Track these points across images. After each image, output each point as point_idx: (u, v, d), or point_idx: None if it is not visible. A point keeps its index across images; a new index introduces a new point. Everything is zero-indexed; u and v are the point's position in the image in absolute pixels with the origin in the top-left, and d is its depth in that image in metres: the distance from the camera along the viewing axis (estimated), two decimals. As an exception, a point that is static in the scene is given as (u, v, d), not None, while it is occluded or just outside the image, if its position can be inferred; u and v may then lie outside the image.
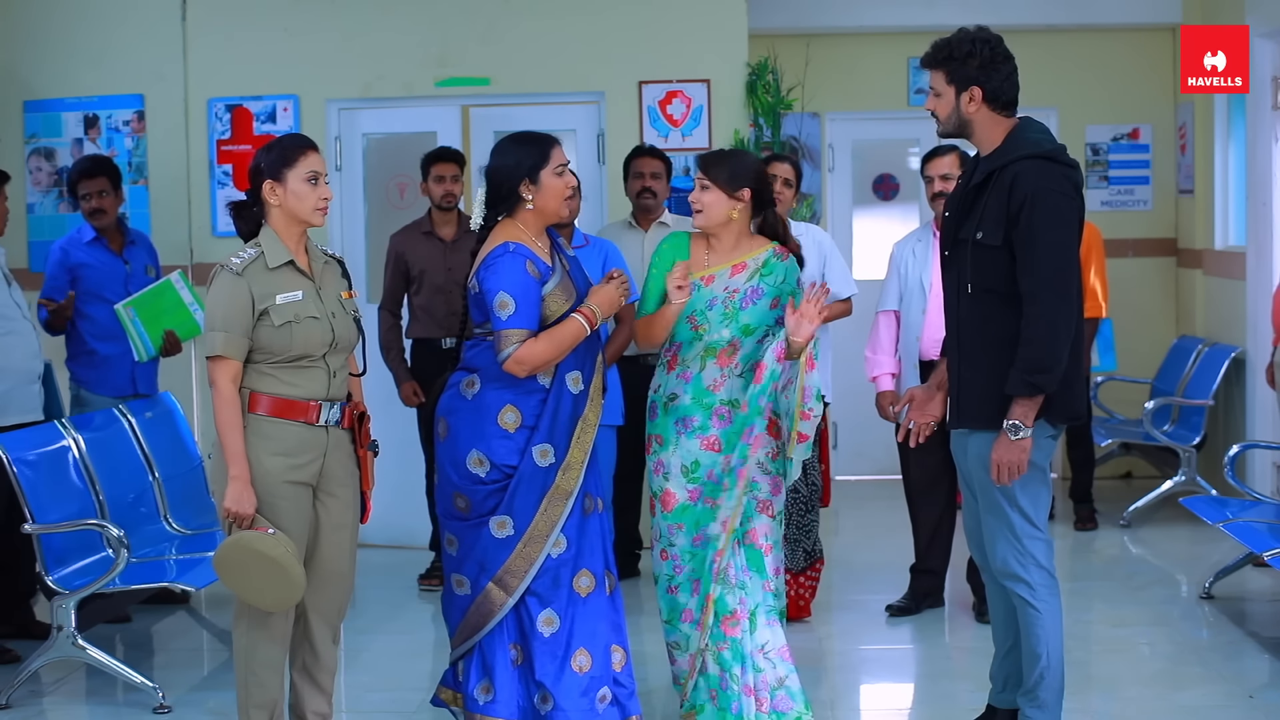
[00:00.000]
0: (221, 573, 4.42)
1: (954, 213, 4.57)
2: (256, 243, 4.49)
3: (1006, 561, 4.50)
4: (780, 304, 4.86)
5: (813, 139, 9.26)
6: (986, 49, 4.49)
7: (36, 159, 7.86)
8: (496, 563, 4.59)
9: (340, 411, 4.58)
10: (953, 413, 4.59)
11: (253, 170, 4.52)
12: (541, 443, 4.58)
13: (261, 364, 4.45)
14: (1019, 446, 4.33)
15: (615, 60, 7.69)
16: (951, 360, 4.60)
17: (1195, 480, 7.97)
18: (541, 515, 4.58)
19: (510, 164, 4.63)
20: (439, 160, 6.98)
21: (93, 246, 6.67)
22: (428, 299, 6.95)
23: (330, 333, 4.52)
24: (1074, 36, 9.26)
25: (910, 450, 6.37)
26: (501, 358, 4.49)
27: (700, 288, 4.85)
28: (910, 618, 6.42)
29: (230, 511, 4.37)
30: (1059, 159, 4.39)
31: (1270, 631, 6.23)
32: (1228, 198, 8.59)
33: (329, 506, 4.60)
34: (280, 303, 4.42)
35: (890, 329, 6.40)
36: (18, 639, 6.10)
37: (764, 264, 4.89)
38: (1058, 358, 4.29)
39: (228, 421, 4.39)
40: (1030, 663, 4.55)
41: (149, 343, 6.59)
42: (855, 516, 8.52)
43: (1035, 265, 4.29)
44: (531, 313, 4.52)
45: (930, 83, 4.55)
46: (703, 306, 4.84)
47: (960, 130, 4.50)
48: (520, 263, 4.54)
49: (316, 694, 4.74)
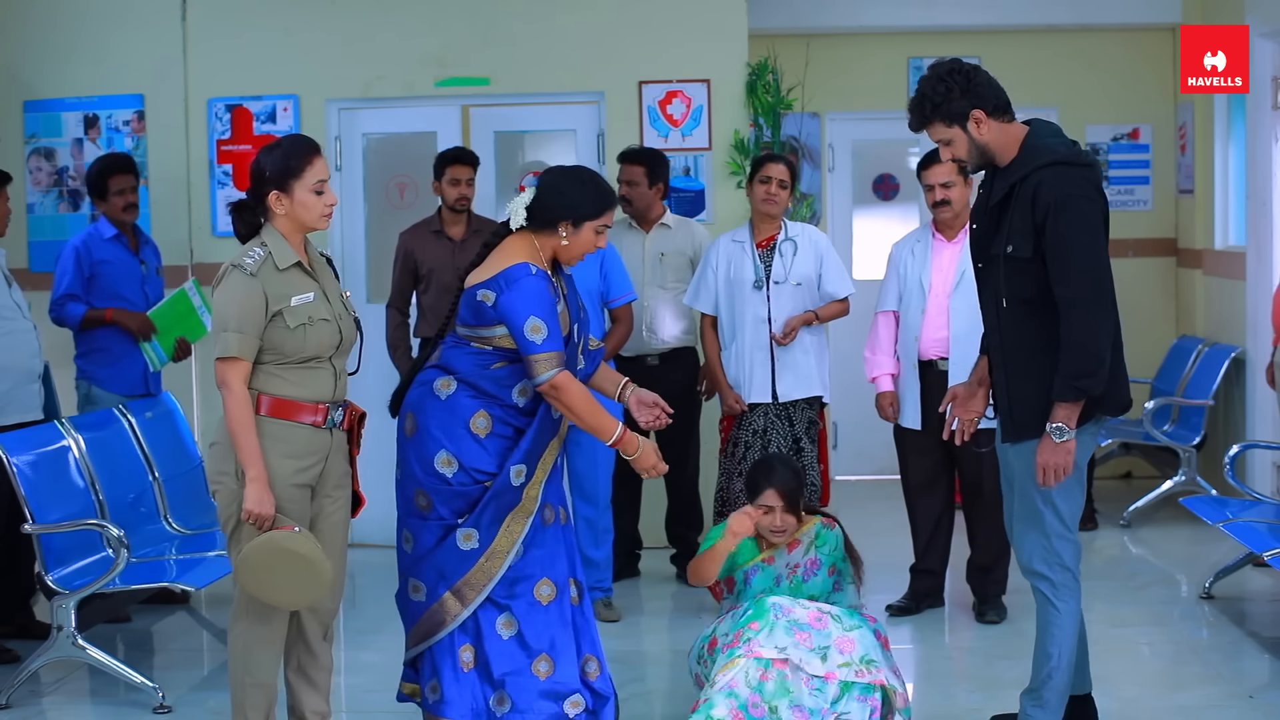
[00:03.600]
0: (244, 573, 4.36)
1: (981, 227, 4.60)
2: (262, 243, 4.45)
3: (1032, 558, 4.57)
4: (836, 572, 5.14)
5: (813, 139, 9.26)
6: (955, 77, 4.48)
7: (36, 159, 7.86)
8: (457, 574, 4.59)
9: (342, 413, 4.58)
10: (1006, 428, 4.59)
11: (255, 174, 4.47)
12: (519, 463, 4.57)
13: (270, 365, 4.43)
14: (1064, 449, 4.37)
15: (615, 60, 7.68)
16: (998, 375, 4.61)
17: (1195, 480, 7.97)
18: (504, 532, 4.58)
19: (570, 203, 4.61)
20: (455, 162, 6.97)
21: (113, 244, 6.68)
22: (435, 298, 6.95)
23: (338, 334, 4.52)
24: (1074, 36, 9.26)
25: (908, 450, 6.42)
26: (539, 380, 4.48)
27: (763, 568, 5.08)
28: (910, 617, 6.42)
29: (252, 513, 4.33)
30: (1076, 162, 4.42)
31: (1270, 631, 6.23)
32: (1228, 198, 8.59)
33: (325, 507, 4.60)
34: (295, 304, 4.41)
35: (889, 329, 6.40)
36: (18, 639, 6.10)
37: (816, 535, 5.14)
38: (1100, 360, 4.34)
39: (242, 422, 4.35)
40: (1040, 661, 4.60)
41: (163, 353, 6.64)
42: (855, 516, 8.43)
43: (1068, 272, 4.34)
44: (559, 334, 4.52)
45: (933, 138, 4.58)
46: (770, 585, 5.05)
47: (984, 158, 4.52)
48: (544, 286, 4.54)
49: (314, 693, 4.74)
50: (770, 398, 6.36)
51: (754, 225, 6.49)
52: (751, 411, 6.38)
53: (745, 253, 6.42)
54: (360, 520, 7.74)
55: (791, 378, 6.37)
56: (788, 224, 6.49)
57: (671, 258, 6.86)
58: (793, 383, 6.37)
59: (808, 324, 6.37)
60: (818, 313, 6.41)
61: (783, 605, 4.75)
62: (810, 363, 6.40)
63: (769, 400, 6.36)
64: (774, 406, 6.36)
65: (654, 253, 6.85)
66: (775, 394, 6.36)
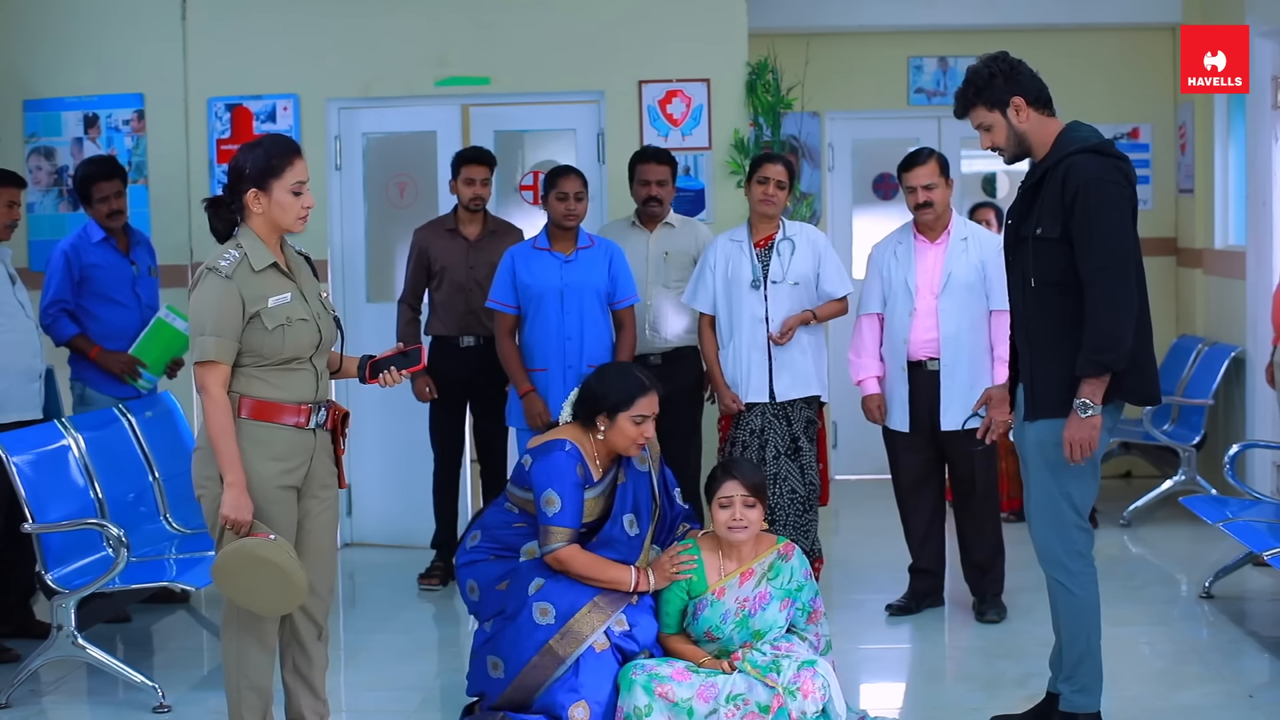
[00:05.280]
0: (221, 580, 4.34)
1: (1013, 213, 4.71)
2: (238, 244, 4.41)
3: (1050, 548, 4.69)
4: (791, 605, 4.98)
5: (813, 138, 9.26)
6: (1001, 64, 4.63)
7: (36, 158, 7.85)
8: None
9: (325, 413, 4.56)
10: (1028, 405, 4.69)
11: (235, 171, 4.44)
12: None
13: (249, 367, 4.40)
14: (1090, 424, 4.48)
15: (615, 59, 7.68)
16: (1023, 355, 4.72)
17: (1195, 480, 7.97)
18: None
19: (601, 394, 4.99)
20: (470, 162, 6.99)
21: (102, 247, 6.66)
22: (447, 296, 6.98)
23: (318, 333, 4.50)
24: (1074, 36, 9.25)
25: (898, 451, 6.45)
26: (544, 551, 4.92)
27: (713, 602, 4.93)
28: (910, 617, 6.42)
29: (229, 519, 4.31)
30: (1108, 151, 4.54)
31: (1270, 631, 6.23)
32: (1227, 197, 8.59)
33: (311, 508, 4.58)
34: (272, 306, 4.38)
35: (874, 332, 6.42)
36: (18, 638, 6.10)
37: (770, 567, 4.97)
38: (1121, 335, 4.43)
39: (221, 427, 4.32)
40: (1070, 647, 4.74)
41: (153, 378, 6.66)
42: (854, 516, 8.52)
43: (1092, 249, 4.45)
44: (576, 512, 4.92)
45: (974, 123, 4.70)
46: (717, 621, 4.92)
47: (1021, 147, 4.65)
48: (572, 465, 4.93)
49: (310, 694, 4.72)
50: (768, 397, 6.36)
51: (752, 225, 6.49)
52: (749, 411, 6.37)
53: (743, 252, 6.42)
54: (360, 520, 7.83)
55: (789, 377, 6.36)
56: (786, 223, 6.49)
57: (675, 257, 6.85)
58: (790, 382, 6.37)
59: (805, 324, 6.37)
60: (815, 312, 6.41)
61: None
62: (808, 362, 6.40)
63: (766, 400, 6.36)
64: (771, 406, 6.36)
65: (658, 252, 6.85)
66: (773, 394, 6.36)
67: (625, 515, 5.05)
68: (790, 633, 4.99)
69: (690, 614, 4.96)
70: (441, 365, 6.92)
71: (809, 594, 5.00)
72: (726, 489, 4.94)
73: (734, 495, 4.92)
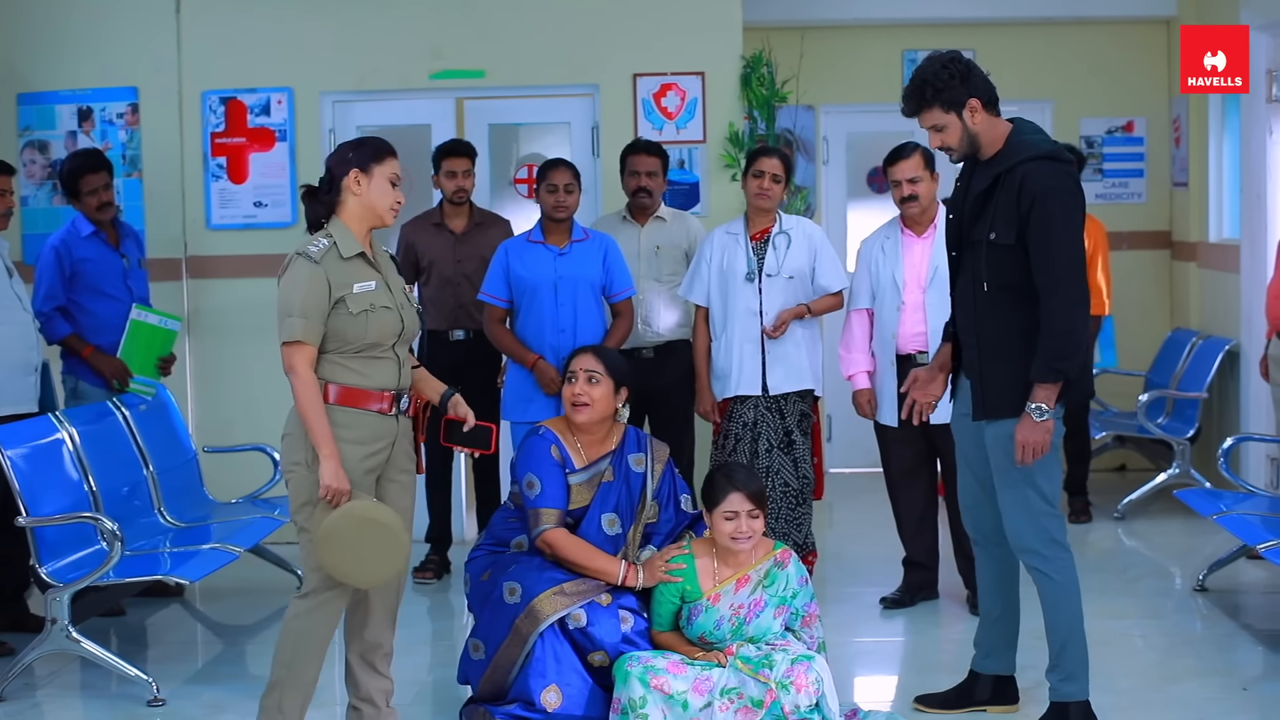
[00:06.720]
0: (327, 548, 4.40)
1: (959, 216, 4.79)
2: (328, 233, 4.56)
3: (1024, 537, 4.75)
4: (786, 612, 4.95)
5: (807, 132, 9.26)
6: (956, 65, 4.67)
7: (30, 152, 7.84)
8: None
9: (408, 400, 4.68)
10: (978, 406, 4.78)
11: (335, 160, 4.60)
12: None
13: (333, 354, 4.52)
14: (1043, 428, 4.57)
15: (609, 53, 7.68)
16: (971, 356, 4.79)
17: (1189, 473, 7.98)
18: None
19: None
20: (450, 154, 6.99)
21: (92, 241, 6.64)
22: (436, 290, 6.97)
23: (400, 322, 4.62)
24: (1069, 29, 9.25)
25: (889, 443, 6.45)
26: (534, 534, 5.05)
27: (708, 608, 4.90)
28: (904, 610, 6.43)
29: (330, 488, 4.40)
30: (1060, 158, 4.62)
31: (1264, 624, 6.25)
32: (1222, 190, 8.60)
33: (390, 492, 4.67)
34: (358, 291, 4.51)
35: (863, 327, 6.42)
36: (12, 632, 6.10)
37: (766, 574, 4.94)
38: (1079, 344, 4.56)
39: (311, 403, 4.43)
40: (1052, 635, 4.79)
41: (150, 381, 6.66)
42: (849, 509, 8.52)
43: (1051, 260, 4.53)
44: (558, 494, 5.06)
45: (926, 124, 4.73)
46: (711, 626, 4.90)
47: (973, 147, 4.71)
48: (545, 446, 5.10)
49: (376, 676, 4.80)
50: (760, 390, 6.36)
51: (748, 218, 6.49)
52: (741, 404, 6.37)
53: (739, 245, 6.42)
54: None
55: (782, 370, 6.37)
56: (782, 217, 6.49)
57: (667, 250, 6.85)
58: (783, 375, 6.37)
59: (799, 317, 6.37)
60: (810, 306, 6.41)
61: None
62: (801, 356, 6.40)
63: (759, 393, 6.36)
64: (764, 399, 6.36)
65: (649, 246, 6.84)
66: (766, 387, 6.36)
67: (605, 514, 5.11)
68: (786, 631, 4.99)
69: (685, 618, 4.95)
70: (433, 360, 6.90)
71: (804, 600, 4.99)
72: (731, 502, 4.86)
73: (740, 510, 4.86)
